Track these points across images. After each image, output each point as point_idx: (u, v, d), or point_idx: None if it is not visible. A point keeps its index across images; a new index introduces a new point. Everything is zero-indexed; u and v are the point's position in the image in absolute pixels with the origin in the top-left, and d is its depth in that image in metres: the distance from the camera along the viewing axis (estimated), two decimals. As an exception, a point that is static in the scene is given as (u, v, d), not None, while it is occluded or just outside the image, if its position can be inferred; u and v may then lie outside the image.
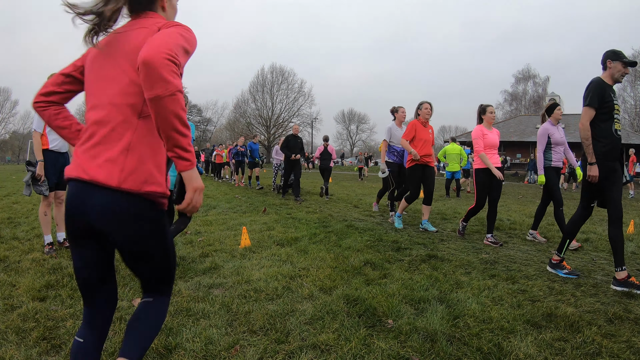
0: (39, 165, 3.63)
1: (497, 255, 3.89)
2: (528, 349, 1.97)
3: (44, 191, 3.71)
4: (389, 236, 4.63)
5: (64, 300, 2.54)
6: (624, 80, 36.01)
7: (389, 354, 1.91)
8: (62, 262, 3.38)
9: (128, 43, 1.19)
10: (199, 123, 62.24)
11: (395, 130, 5.85)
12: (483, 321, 2.28)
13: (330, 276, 3.07)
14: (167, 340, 2.01)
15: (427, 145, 5.14)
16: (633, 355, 1.94)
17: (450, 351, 1.95)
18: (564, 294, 2.78)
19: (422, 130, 5.14)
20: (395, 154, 5.86)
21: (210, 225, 5.30)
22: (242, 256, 3.68)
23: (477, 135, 4.57)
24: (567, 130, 28.45)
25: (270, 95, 47.66)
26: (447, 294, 2.70)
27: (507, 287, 2.89)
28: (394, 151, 5.86)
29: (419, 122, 5.17)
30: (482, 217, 5.66)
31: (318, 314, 2.35)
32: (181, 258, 3.56)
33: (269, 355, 1.91)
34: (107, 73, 1.20)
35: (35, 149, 3.65)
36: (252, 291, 2.72)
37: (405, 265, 3.46)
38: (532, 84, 47.48)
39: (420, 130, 5.14)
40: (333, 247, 4.03)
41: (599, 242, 4.61)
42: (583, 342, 2.05)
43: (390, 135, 5.85)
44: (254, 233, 4.72)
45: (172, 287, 1.34)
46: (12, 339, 2.02)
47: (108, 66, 1.21)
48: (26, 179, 3.66)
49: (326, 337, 2.06)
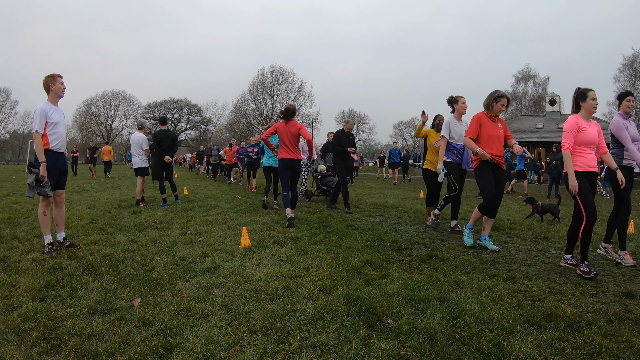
0: (41, 166, 3.63)
1: (497, 255, 3.88)
2: (528, 349, 1.97)
3: (48, 192, 3.72)
4: (389, 236, 4.63)
5: (64, 300, 2.54)
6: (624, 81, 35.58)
7: (389, 354, 1.91)
8: (62, 262, 3.38)
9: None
10: (199, 123, 62.30)
11: (455, 124, 5.05)
12: (483, 321, 2.28)
13: (330, 276, 3.06)
14: (167, 340, 2.01)
15: (496, 142, 4.23)
16: (633, 355, 1.94)
17: (450, 351, 1.95)
18: (564, 294, 2.78)
19: (488, 125, 4.24)
20: (455, 152, 5.05)
21: (210, 225, 5.30)
22: (242, 256, 3.68)
23: (569, 127, 3.47)
24: (567, 130, 28.38)
25: (271, 95, 47.61)
26: (447, 294, 2.70)
27: (507, 287, 2.89)
28: (453, 149, 5.05)
29: (485, 116, 4.27)
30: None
31: (318, 314, 2.35)
32: (181, 258, 3.56)
33: (269, 355, 1.91)
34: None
35: (37, 150, 3.65)
36: (252, 291, 2.72)
37: (405, 265, 3.46)
38: (532, 84, 47.45)
39: (487, 125, 4.24)
40: (333, 247, 4.03)
41: (599, 242, 4.61)
42: (583, 342, 2.05)
43: (450, 130, 5.03)
44: (254, 233, 4.72)
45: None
46: (12, 339, 2.02)
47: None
48: (30, 181, 3.66)
49: (326, 337, 2.06)
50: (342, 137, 7.22)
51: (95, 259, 3.48)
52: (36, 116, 3.69)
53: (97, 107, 59.69)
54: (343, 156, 7.08)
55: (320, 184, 8.64)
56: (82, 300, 2.54)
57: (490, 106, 4.25)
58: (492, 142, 4.19)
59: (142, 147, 7.53)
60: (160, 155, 7.33)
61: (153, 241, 4.26)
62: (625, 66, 34.16)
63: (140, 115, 58.92)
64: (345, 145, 7.13)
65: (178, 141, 8.02)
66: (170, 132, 7.56)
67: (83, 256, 3.59)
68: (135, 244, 4.13)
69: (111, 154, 17.83)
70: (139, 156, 7.53)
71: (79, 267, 3.25)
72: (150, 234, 4.68)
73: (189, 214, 6.27)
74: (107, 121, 60.37)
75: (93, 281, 2.93)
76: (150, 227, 5.12)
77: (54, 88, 3.85)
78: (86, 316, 2.31)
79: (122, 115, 60.95)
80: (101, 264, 3.36)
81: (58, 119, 3.85)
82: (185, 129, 62.64)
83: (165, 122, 7.77)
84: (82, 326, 2.15)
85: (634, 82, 33.75)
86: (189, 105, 62.32)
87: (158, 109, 60.47)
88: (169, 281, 2.93)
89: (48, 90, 3.85)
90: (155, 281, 2.91)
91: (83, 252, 3.76)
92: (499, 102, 4.18)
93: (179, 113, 62.27)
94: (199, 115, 62.61)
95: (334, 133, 7.41)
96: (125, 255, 3.67)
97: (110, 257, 3.60)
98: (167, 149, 7.39)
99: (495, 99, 4.20)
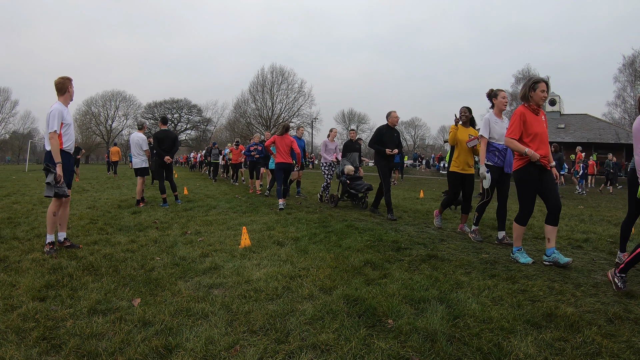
0: (58, 167, 3.67)
1: (497, 255, 3.88)
2: (528, 349, 1.97)
3: (66, 192, 3.80)
4: (389, 236, 4.63)
5: (64, 300, 2.54)
6: (624, 80, 35.54)
7: (389, 354, 1.91)
8: (62, 262, 3.38)
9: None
10: (199, 123, 62.29)
11: (495, 122, 4.39)
12: (483, 321, 2.28)
13: (330, 276, 3.06)
14: (167, 340, 2.01)
15: (544, 140, 3.56)
16: (633, 355, 1.94)
17: (450, 351, 1.95)
18: (564, 294, 2.77)
19: (534, 121, 3.54)
20: (497, 153, 4.34)
21: (210, 225, 5.30)
22: (242, 256, 3.68)
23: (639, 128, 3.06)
24: (567, 131, 28.43)
25: (271, 95, 47.63)
26: (447, 294, 2.69)
27: (507, 287, 2.89)
28: (494, 150, 4.35)
29: (527, 110, 3.58)
30: (485, 217, 5.62)
31: (318, 314, 2.35)
32: (181, 258, 3.56)
33: (269, 355, 1.91)
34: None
35: (55, 150, 3.68)
36: (252, 291, 2.72)
37: (405, 265, 3.46)
38: (532, 84, 47.50)
39: (531, 120, 3.54)
40: (333, 247, 4.03)
41: (598, 242, 4.61)
42: (583, 342, 2.05)
43: (490, 129, 4.37)
44: (254, 233, 4.72)
45: None
46: (12, 339, 2.02)
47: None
48: (50, 180, 3.71)
49: (326, 337, 2.06)
50: (385, 133, 6.13)
51: (95, 259, 3.48)
52: (53, 117, 3.71)
53: (97, 107, 59.76)
54: (385, 155, 6.13)
55: (349, 187, 7.41)
56: (82, 300, 2.54)
57: (528, 96, 3.56)
58: (538, 141, 3.52)
59: (142, 147, 7.53)
60: (161, 156, 7.34)
61: (153, 241, 4.26)
62: (625, 66, 34.18)
63: (140, 115, 58.94)
64: (387, 144, 6.07)
65: (178, 141, 8.02)
66: (171, 132, 7.57)
67: (83, 256, 3.59)
68: (135, 244, 4.13)
69: (119, 154, 18.95)
70: (138, 156, 7.53)
71: (79, 267, 3.25)
72: (150, 234, 4.68)
73: (189, 214, 6.27)
74: (107, 121, 60.40)
75: (93, 281, 2.93)
76: (150, 227, 5.12)
77: (71, 90, 3.93)
78: (86, 316, 2.31)
79: (122, 115, 61.05)
80: (101, 264, 3.36)
81: (70, 120, 3.94)
82: (185, 129, 62.66)
83: (166, 122, 7.77)
84: (82, 326, 2.15)
85: (634, 82, 33.75)
86: (189, 105, 62.35)
87: (158, 109, 60.48)
88: (169, 281, 2.93)
89: (64, 91, 3.88)
90: (155, 281, 2.91)
91: (83, 252, 3.76)
92: (538, 89, 3.50)
93: (179, 113, 62.29)
94: (199, 115, 62.62)
95: (377, 128, 6.40)
96: (125, 255, 3.67)
97: (110, 257, 3.60)
98: (168, 149, 7.39)
99: (532, 86, 3.53)
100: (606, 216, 7.20)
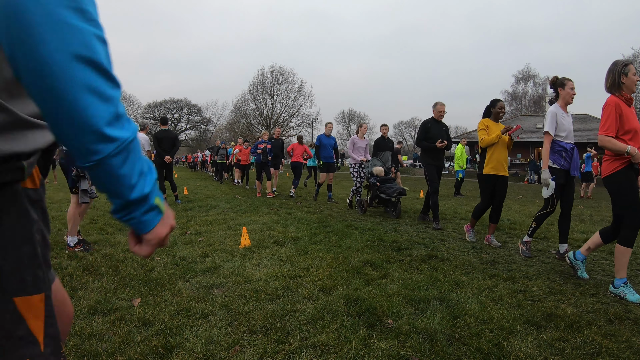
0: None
1: (497, 255, 3.88)
2: (528, 349, 1.97)
3: (95, 194, 3.94)
4: (389, 236, 4.63)
5: (64, 300, 2.53)
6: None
7: (389, 354, 1.91)
8: (62, 262, 3.38)
9: None
10: (199, 123, 62.31)
11: (562, 116, 3.67)
12: (483, 321, 2.28)
13: (330, 276, 3.06)
14: (167, 340, 2.01)
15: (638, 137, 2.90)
16: (633, 355, 1.94)
17: (450, 351, 1.95)
18: (564, 294, 2.78)
19: (630, 115, 2.88)
20: (564, 154, 3.65)
21: (210, 225, 5.30)
22: (242, 256, 3.68)
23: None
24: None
25: (270, 95, 47.61)
26: (447, 294, 2.69)
27: (507, 287, 2.89)
28: (560, 150, 3.65)
29: (621, 101, 2.88)
30: (484, 218, 5.57)
31: (318, 314, 2.35)
32: (181, 258, 3.56)
33: (269, 355, 1.91)
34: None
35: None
36: (252, 291, 2.72)
37: (405, 265, 3.46)
38: (532, 84, 47.56)
39: (627, 114, 2.87)
40: (333, 247, 4.03)
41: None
42: (583, 342, 2.05)
43: (556, 125, 3.64)
44: (254, 233, 4.72)
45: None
46: (12, 339, 2.01)
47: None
48: (85, 187, 3.84)
49: (326, 337, 2.06)
50: (432, 127, 5.51)
51: (95, 259, 3.48)
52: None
53: (97, 107, 59.55)
54: (433, 154, 5.47)
55: (379, 191, 6.47)
56: (82, 300, 2.54)
57: (619, 83, 2.91)
58: (638, 137, 2.86)
59: (144, 147, 7.53)
60: (161, 155, 7.34)
61: (153, 241, 4.25)
62: (626, 66, 34.15)
63: (140, 115, 58.91)
64: (435, 138, 5.39)
65: (178, 141, 8.03)
66: (171, 132, 7.58)
67: (83, 256, 3.59)
68: (135, 244, 4.12)
69: None
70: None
71: (79, 267, 3.25)
72: (150, 234, 4.67)
73: (189, 214, 6.27)
74: (107, 121, 60.24)
75: (93, 281, 2.93)
76: (150, 227, 5.11)
77: None
78: (86, 316, 2.31)
79: (122, 115, 60.85)
80: (101, 264, 3.36)
81: None
82: (185, 129, 62.66)
83: (166, 122, 7.78)
84: (82, 326, 2.15)
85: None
86: (189, 105, 62.33)
87: (158, 109, 60.45)
88: (169, 281, 2.93)
89: None
90: (155, 281, 2.91)
91: (83, 251, 3.76)
92: (629, 72, 2.88)
93: (179, 113, 62.26)
94: (199, 115, 62.61)
95: (421, 123, 5.73)
96: (125, 255, 3.67)
97: (110, 257, 3.60)
98: (168, 149, 7.40)
99: (623, 71, 2.89)
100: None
